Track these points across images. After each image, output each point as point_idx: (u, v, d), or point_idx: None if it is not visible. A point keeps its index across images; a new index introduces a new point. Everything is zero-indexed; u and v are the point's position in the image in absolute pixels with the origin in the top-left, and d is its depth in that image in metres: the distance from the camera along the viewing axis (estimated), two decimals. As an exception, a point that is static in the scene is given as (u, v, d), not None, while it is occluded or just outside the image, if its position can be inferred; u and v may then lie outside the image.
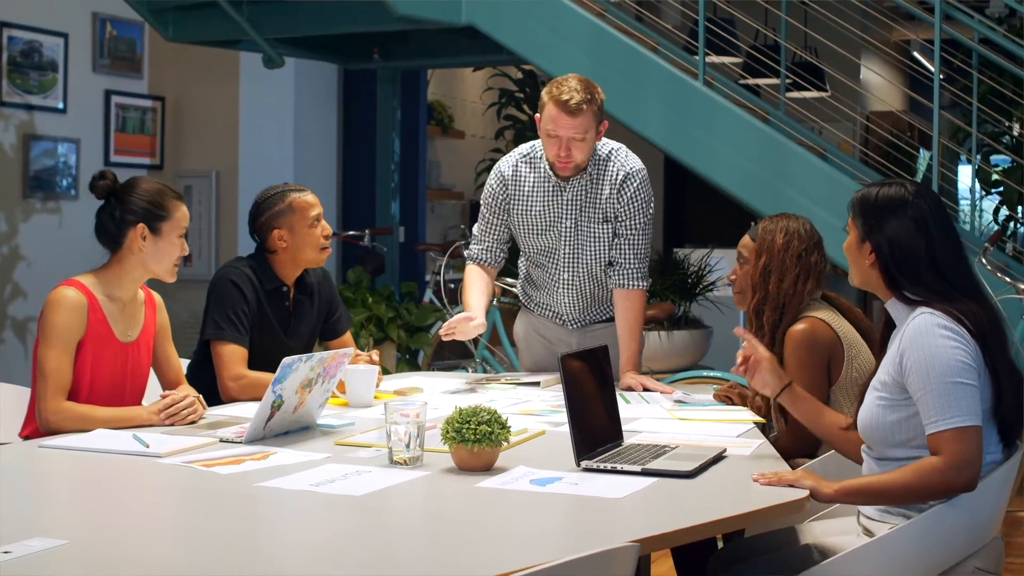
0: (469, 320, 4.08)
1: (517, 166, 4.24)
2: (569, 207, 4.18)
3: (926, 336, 2.69)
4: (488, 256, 4.35)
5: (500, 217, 4.28)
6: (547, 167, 4.16)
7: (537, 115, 4.10)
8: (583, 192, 4.16)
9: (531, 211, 4.22)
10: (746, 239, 3.72)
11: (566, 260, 4.22)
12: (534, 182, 4.21)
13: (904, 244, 2.80)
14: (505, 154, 4.13)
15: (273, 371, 3.13)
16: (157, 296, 3.68)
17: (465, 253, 4.41)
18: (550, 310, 4.35)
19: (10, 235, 7.40)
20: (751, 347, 3.11)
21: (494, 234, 4.32)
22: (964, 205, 9.06)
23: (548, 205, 4.19)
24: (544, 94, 4.06)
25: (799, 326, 3.52)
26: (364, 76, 8.60)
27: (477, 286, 4.29)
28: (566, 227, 4.19)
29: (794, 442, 3.45)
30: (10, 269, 7.41)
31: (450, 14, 6.19)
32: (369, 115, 8.54)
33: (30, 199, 7.52)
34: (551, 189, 4.18)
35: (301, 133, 8.50)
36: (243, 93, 8.39)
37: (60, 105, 7.68)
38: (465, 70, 10.49)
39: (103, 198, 3.47)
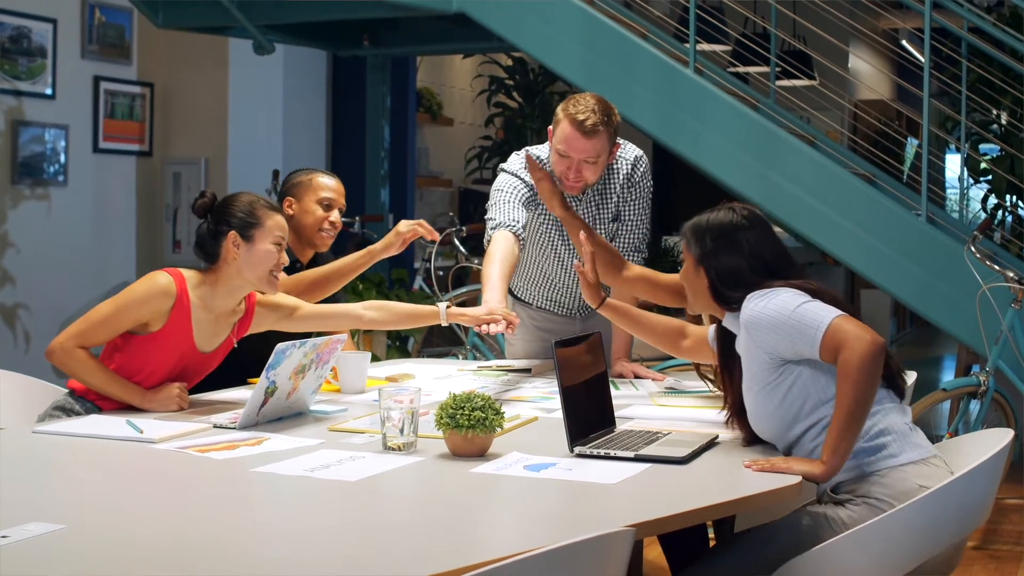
0: (493, 317, 3.69)
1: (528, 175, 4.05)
2: (585, 216, 4.08)
3: (754, 310, 2.90)
4: (516, 224, 3.96)
5: (524, 207, 4.03)
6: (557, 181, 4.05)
7: (550, 128, 3.98)
8: (596, 197, 4.12)
9: (547, 223, 4.14)
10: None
11: (567, 274, 4.22)
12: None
13: (730, 264, 3.00)
14: (495, 142, 4.08)
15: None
16: (260, 296, 3.62)
17: (489, 225, 4.02)
18: (554, 303, 4.34)
19: (-1, 221, 7.39)
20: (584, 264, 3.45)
21: (519, 212, 4.00)
22: (952, 194, 9.08)
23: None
24: (560, 110, 3.92)
25: None
26: (354, 63, 8.60)
27: (501, 255, 3.84)
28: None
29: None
30: (-1, 256, 7.40)
31: (440, 1, 6.18)
32: (358, 102, 8.54)
33: (19, 185, 7.50)
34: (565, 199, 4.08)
35: (290, 120, 8.50)
36: (232, 80, 8.39)
37: (49, 91, 7.66)
38: (454, 57, 10.49)
39: (202, 215, 3.48)
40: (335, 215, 4.19)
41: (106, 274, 8.05)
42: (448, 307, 3.79)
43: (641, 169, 4.15)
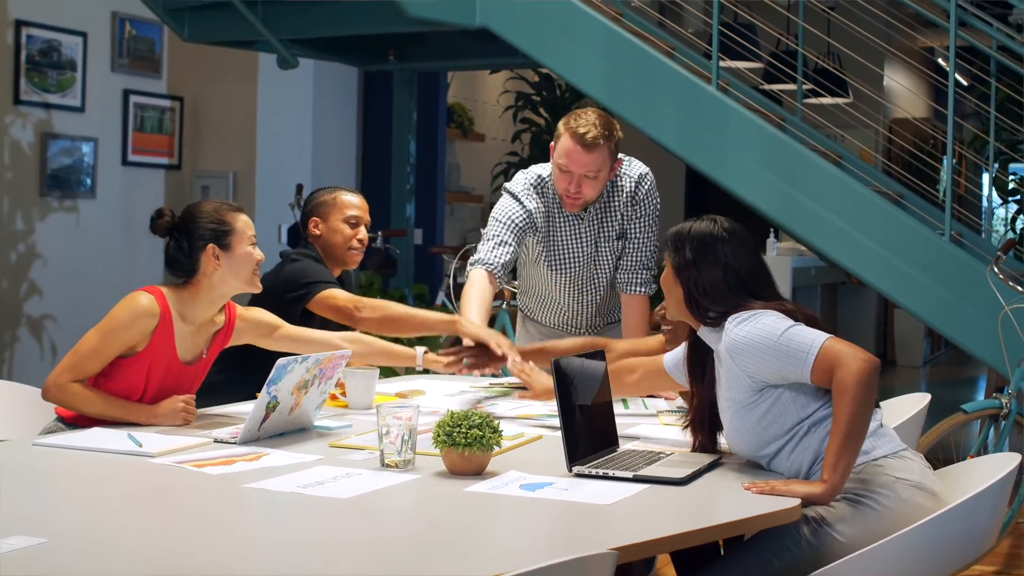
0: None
1: (531, 198, 4.05)
2: (588, 235, 4.09)
3: (738, 335, 2.86)
4: (497, 263, 3.99)
5: (516, 238, 4.02)
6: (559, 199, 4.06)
7: (552, 144, 3.99)
8: (599, 214, 4.10)
9: (553, 243, 4.10)
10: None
11: (581, 283, 4.19)
12: (547, 213, 4.08)
13: (708, 275, 2.97)
14: (521, 159, 4.08)
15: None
16: (241, 309, 3.65)
17: (471, 259, 4.11)
18: (558, 320, 4.31)
19: (27, 233, 7.43)
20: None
21: (505, 248, 4.01)
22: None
23: (568, 236, 4.10)
24: (561, 125, 3.94)
25: None
26: (383, 78, 8.61)
27: (476, 296, 3.93)
28: (585, 254, 4.12)
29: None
30: (27, 267, 7.44)
31: (464, 16, 6.18)
32: (387, 117, 8.55)
33: (47, 197, 7.55)
34: (568, 218, 4.08)
35: (319, 134, 8.52)
36: (261, 93, 8.42)
37: (78, 104, 7.71)
38: (485, 73, 10.49)
39: (165, 235, 3.48)
40: (362, 232, 4.22)
41: (133, 287, 7.96)
42: (425, 352, 3.88)
43: (646, 187, 4.11)
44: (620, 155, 4.10)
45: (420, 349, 3.88)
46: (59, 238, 7.61)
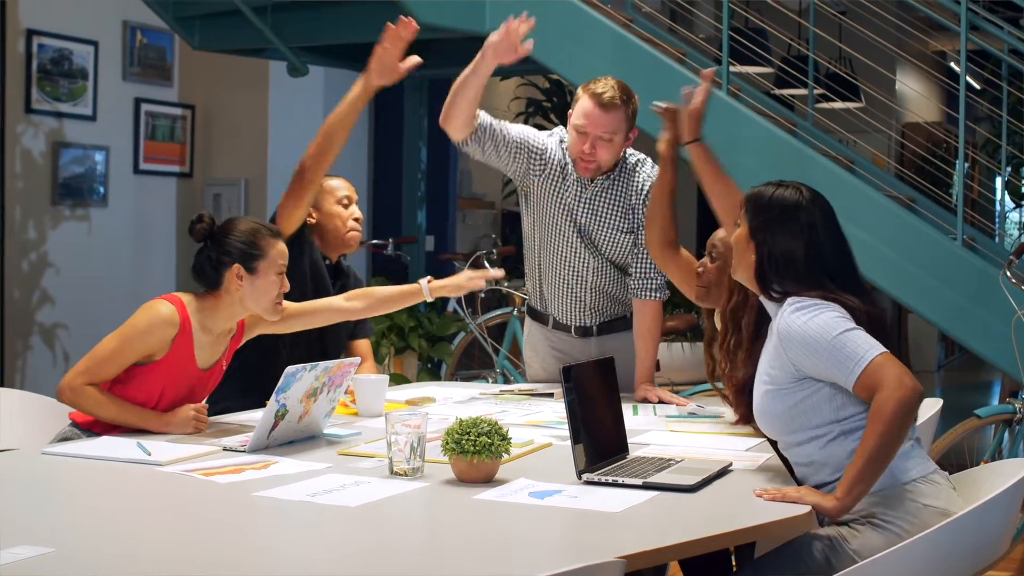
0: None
1: (552, 140, 4.16)
2: (588, 205, 4.12)
3: (793, 323, 2.77)
4: (487, 118, 4.07)
5: (515, 139, 4.08)
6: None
7: (569, 111, 4.06)
8: (604, 194, 4.12)
9: (551, 192, 4.14)
10: (722, 233, 3.63)
11: (578, 261, 4.18)
12: (562, 165, 4.13)
13: (786, 247, 2.86)
14: None
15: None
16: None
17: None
18: (564, 316, 4.29)
19: (39, 242, 7.44)
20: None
21: (508, 130, 4.09)
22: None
23: (568, 194, 4.13)
24: (580, 89, 4.03)
25: None
26: (395, 86, 8.59)
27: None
28: (580, 223, 4.14)
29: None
30: (39, 276, 7.45)
31: (473, 22, 6.17)
32: (398, 124, 8.54)
33: (59, 206, 7.56)
34: (575, 180, 4.12)
35: (331, 141, 8.49)
36: (272, 101, 8.42)
37: (90, 112, 7.72)
38: (496, 79, 10.47)
39: (201, 240, 3.47)
40: (356, 210, 4.24)
41: (145, 295, 7.97)
42: (429, 281, 3.89)
43: None
44: (645, 156, 4.13)
45: (423, 280, 3.89)
46: (71, 247, 7.62)
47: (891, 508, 2.71)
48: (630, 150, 4.16)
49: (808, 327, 2.75)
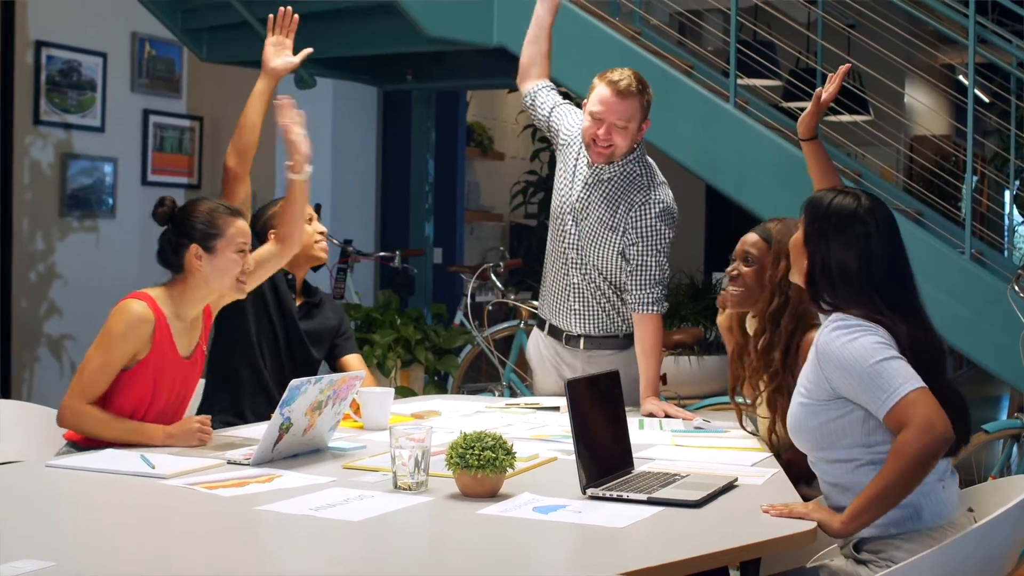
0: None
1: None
2: (584, 190, 4.21)
3: (832, 342, 2.70)
4: (549, 88, 4.59)
5: (558, 112, 4.45)
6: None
7: (584, 100, 4.16)
8: (600, 186, 4.18)
9: (566, 164, 4.31)
10: (754, 237, 3.59)
11: (571, 253, 4.24)
12: (580, 147, 4.27)
13: (839, 258, 2.79)
14: (540, 177, 4.23)
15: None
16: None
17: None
18: (555, 317, 4.33)
19: (47, 253, 7.44)
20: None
21: (554, 97, 4.54)
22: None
23: (574, 172, 4.25)
24: (596, 78, 4.14)
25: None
26: (402, 97, 8.60)
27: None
28: (573, 205, 4.24)
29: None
30: (47, 287, 7.44)
31: (481, 35, 6.17)
32: (406, 137, 8.54)
33: (67, 217, 7.56)
34: (584, 162, 4.24)
35: (338, 154, 8.51)
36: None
37: (98, 124, 7.71)
38: (504, 91, 10.48)
39: (164, 224, 3.49)
40: (318, 225, 4.30)
41: (153, 306, 8.07)
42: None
43: (656, 209, 4.19)
44: (663, 179, 4.22)
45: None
46: (79, 258, 7.61)
47: (908, 552, 2.66)
48: (654, 170, 4.17)
49: (846, 350, 2.68)
